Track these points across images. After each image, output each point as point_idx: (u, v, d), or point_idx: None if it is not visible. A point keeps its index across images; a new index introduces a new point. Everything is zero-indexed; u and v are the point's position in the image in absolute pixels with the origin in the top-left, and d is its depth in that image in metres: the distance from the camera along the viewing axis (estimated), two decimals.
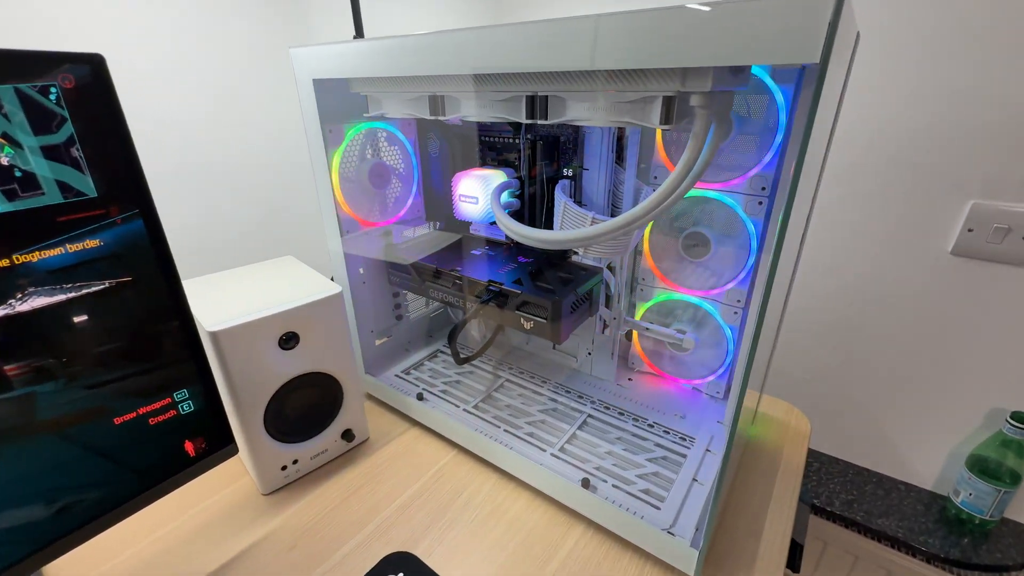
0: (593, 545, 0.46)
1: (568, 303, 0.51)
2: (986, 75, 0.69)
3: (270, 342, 0.47)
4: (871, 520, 0.85)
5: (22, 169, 0.29)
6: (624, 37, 0.29)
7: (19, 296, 0.30)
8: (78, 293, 0.32)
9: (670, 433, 0.56)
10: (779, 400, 0.68)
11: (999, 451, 0.79)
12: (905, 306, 0.84)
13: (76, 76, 0.30)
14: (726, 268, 0.53)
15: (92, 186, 0.31)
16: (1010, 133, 0.70)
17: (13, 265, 0.29)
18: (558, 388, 0.64)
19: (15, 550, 0.32)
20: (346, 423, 0.56)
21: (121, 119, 0.32)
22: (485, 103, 0.41)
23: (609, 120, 0.36)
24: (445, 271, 0.58)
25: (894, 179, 0.79)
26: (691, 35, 0.26)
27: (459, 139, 0.62)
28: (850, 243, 0.86)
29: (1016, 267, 0.74)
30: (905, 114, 0.75)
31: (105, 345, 0.34)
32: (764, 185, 0.48)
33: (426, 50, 0.40)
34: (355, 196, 0.59)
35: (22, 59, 0.28)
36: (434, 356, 0.71)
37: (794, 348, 0.96)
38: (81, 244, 0.32)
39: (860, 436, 0.96)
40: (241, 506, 0.51)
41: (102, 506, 0.36)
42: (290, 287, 0.51)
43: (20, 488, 0.32)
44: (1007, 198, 0.72)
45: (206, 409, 0.41)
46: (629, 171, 0.52)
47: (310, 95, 0.50)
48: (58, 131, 0.30)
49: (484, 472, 0.54)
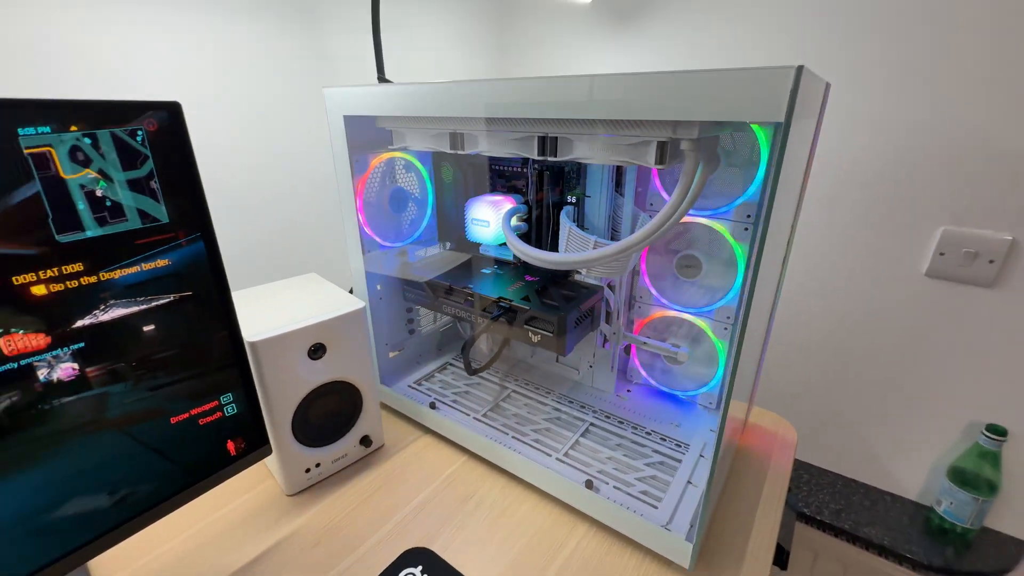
0: (596, 542, 0.50)
1: (572, 318, 0.56)
2: (950, 111, 0.76)
3: (300, 352, 0.51)
4: (859, 529, 0.89)
5: (112, 199, 0.33)
6: (619, 94, 0.34)
7: (102, 308, 0.34)
8: (148, 306, 0.37)
9: (666, 440, 0.60)
10: (768, 411, 0.72)
11: (976, 462, 0.83)
12: (885, 325, 0.90)
13: (158, 120, 0.35)
14: (716, 288, 0.58)
15: (165, 213, 0.36)
16: (974, 164, 0.76)
17: (99, 281, 0.34)
18: (561, 399, 0.68)
19: (81, 535, 0.36)
20: (364, 429, 0.60)
21: (191, 156, 0.37)
22: (501, 141, 0.47)
23: (611, 159, 0.41)
24: (458, 288, 0.63)
25: (872, 205, 0.85)
26: (678, 95, 0.32)
27: (471, 167, 0.67)
28: (833, 265, 0.92)
29: (984, 288, 0.80)
30: (880, 146, 0.82)
31: (167, 352, 0.38)
32: (749, 213, 0.54)
33: (446, 96, 0.46)
34: (375, 219, 0.64)
35: (118, 108, 0.33)
36: (444, 368, 0.76)
37: (782, 364, 1.01)
38: (153, 263, 0.36)
39: (847, 448, 1.00)
40: (267, 506, 0.54)
41: (154, 498, 0.40)
42: (318, 302, 0.56)
43: (89, 478, 0.36)
44: (973, 224, 0.78)
45: (247, 412, 0.45)
46: (628, 199, 0.58)
47: (340, 129, 0.56)
48: (141, 167, 0.34)
49: (493, 476, 0.58)
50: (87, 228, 0.33)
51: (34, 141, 0.30)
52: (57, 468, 0.34)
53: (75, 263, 0.32)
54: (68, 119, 0.31)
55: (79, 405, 0.34)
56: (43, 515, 0.34)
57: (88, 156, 0.32)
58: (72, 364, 0.33)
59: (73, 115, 0.31)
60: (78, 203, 0.32)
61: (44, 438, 0.33)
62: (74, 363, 0.33)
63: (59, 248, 0.32)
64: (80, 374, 0.34)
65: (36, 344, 0.32)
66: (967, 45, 0.73)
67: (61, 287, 0.32)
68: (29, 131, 0.29)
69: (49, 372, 0.32)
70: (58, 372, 0.33)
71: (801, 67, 0.27)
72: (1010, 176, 0.74)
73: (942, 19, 0.73)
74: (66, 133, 0.31)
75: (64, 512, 0.35)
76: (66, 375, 0.33)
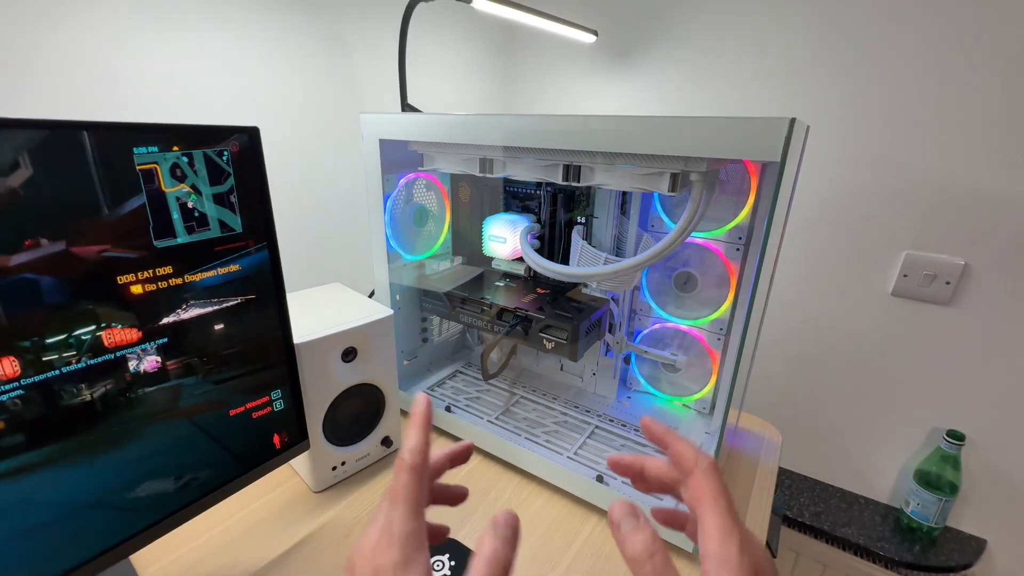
0: (607, 532, 0.55)
1: (584, 327, 0.62)
2: (908, 149, 0.86)
3: (335, 355, 0.55)
4: (836, 529, 0.95)
5: (199, 211, 0.38)
6: (641, 133, 0.41)
7: (184, 307, 0.38)
8: (220, 307, 0.41)
9: None
10: (755, 417, 0.79)
11: (939, 465, 0.91)
12: (856, 339, 0.98)
13: (240, 142, 0.40)
14: (710, 302, 0.65)
15: (239, 223, 0.41)
16: (930, 196, 0.86)
17: (184, 283, 0.38)
18: (567, 404, 0.73)
19: (149, 516, 0.39)
20: (385, 430, 0.64)
21: (264, 173, 0.42)
22: (528, 166, 0.53)
23: (629, 187, 0.48)
24: (475, 299, 0.68)
25: (843, 232, 0.94)
26: (692, 136, 0.38)
27: (487, 187, 0.73)
28: (810, 285, 1.00)
29: (942, 306, 0.89)
30: (849, 180, 0.91)
31: (231, 349, 0.42)
32: (741, 235, 0.60)
33: (478, 126, 0.52)
34: (399, 233, 0.69)
35: (210, 131, 0.37)
36: (454, 376, 0.80)
37: (767, 376, 1.08)
38: (227, 268, 0.40)
39: (825, 455, 1.08)
40: (295, 502, 0.57)
41: (212, 484, 0.43)
42: (348, 309, 0.60)
43: (161, 462, 0.39)
44: (932, 249, 0.88)
45: (291, 408, 0.48)
46: (633, 220, 0.64)
47: (375, 151, 0.61)
48: (224, 183, 0.39)
49: (508, 474, 0.63)
50: (178, 235, 0.37)
51: (144, 159, 0.34)
52: (136, 451, 0.37)
53: (167, 266, 0.36)
54: (171, 140, 0.35)
55: (159, 394, 0.38)
56: (121, 494, 0.37)
57: (184, 172, 0.36)
58: (156, 357, 0.37)
59: (175, 137, 0.36)
60: (173, 213, 0.36)
61: (129, 423, 0.36)
62: (158, 356, 0.37)
63: (156, 252, 0.36)
64: (162, 366, 0.38)
65: (130, 338, 0.35)
66: (922, 91, 0.83)
67: (154, 287, 0.36)
68: (141, 150, 0.34)
69: (138, 364, 0.36)
70: (144, 364, 0.37)
71: (794, 119, 0.34)
72: (962, 207, 0.84)
73: (899, 69, 0.84)
74: (169, 152, 0.35)
75: (138, 493, 0.38)
76: (151, 367, 0.37)
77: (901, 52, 0.83)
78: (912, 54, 0.82)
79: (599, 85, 1.14)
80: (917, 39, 0.81)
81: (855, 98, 0.88)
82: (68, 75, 0.58)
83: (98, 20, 0.59)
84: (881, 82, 0.85)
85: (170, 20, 0.64)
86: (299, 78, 0.80)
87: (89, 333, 0.33)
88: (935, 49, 0.80)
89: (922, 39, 0.81)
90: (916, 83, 0.83)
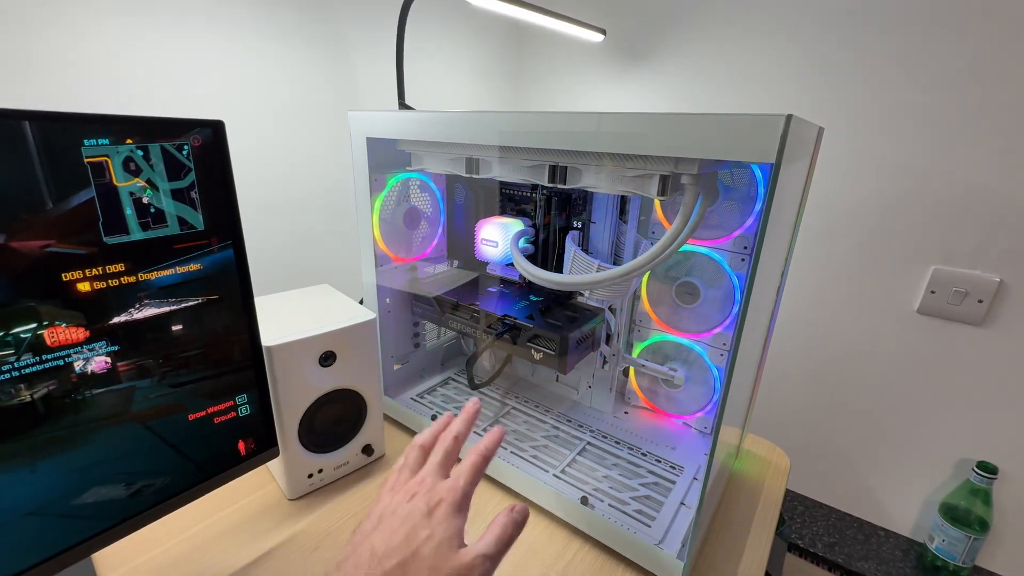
0: (590, 558, 0.51)
1: (574, 338, 0.58)
2: (939, 156, 0.80)
3: (312, 359, 0.53)
4: (851, 563, 0.89)
5: (156, 207, 0.36)
6: (625, 131, 0.38)
7: (137, 306, 0.37)
8: (178, 307, 0.39)
9: (661, 462, 0.61)
10: (762, 439, 0.74)
11: (968, 499, 0.84)
12: (878, 359, 0.92)
13: (202, 136, 0.38)
14: (713, 315, 0.61)
15: (201, 221, 0.39)
16: (962, 206, 0.79)
17: (138, 281, 0.36)
18: (560, 417, 0.69)
19: (97, 524, 0.38)
20: (367, 438, 0.62)
21: (229, 170, 0.40)
22: (514, 167, 0.50)
23: (616, 189, 0.44)
24: (465, 305, 0.65)
25: (867, 242, 0.88)
26: (680, 135, 0.35)
27: (482, 190, 0.70)
28: (829, 299, 0.94)
29: (974, 327, 0.82)
30: (874, 187, 0.86)
31: (191, 351, 0.40)
32: (746, 244, 0.56)
33: (465, 124, 0.49)
34: (389, 235, 0.67)
35: (168, 124, 0.36)
36: (446, 383, 0.77)
37: (778, 393, 1.02)
38: (187, 267, 0.39)
39: (841, 481, 1.01)
40: (268, 510, 0.56)
41: (166, 492, 0.41)
42: (330, 311, 0.58)
43: (110, 468, 0.37)
44: (964, 265, 0.81)
45: (259, 414, 0.47)
46: (631, 226, 0.61)
47: (362, 150, 0.59)
48: (184, 178, 0.37)
49: (491, 489, 0.60)
50: (132, 232, 0.35)
51: (94, 151, 0.33)
52: (82, 457, 0.36)
53: (118, 263, 0.35)
54: (125, 132, 0.34)
55: (108, 397, 0.36)
56: (65, 501, 0.35)
57: (139, 166, 0.35)
58: (105, 358, 0.36)
59: (130, 129, 0.34)
60: (126, 209, 0.35)
61: (73, 427, 0.35)
62: (107, 357, 0.36)
63: (105, 249, 0.34)
64: (112, 368, 0.36)
65: (75, 337, 0.34)
66: (954, 95, 0.77)
67: (103, 285, 0.35)
68: (91, 142, 0.32)
69: (85, 364, 0.35)
70: (92, 365, 0.35)
71: (790, 116, 0.31)
72: (998, 220, 0.77)
73: (930, 71, 0.78)
74: (122, 145, 0.34)
75: (84, 500, 0.36)
76: (99, 368, 0.35)
77: (930, 53, 0.77)
78: (943, 55, 0.76)
79: (608, 85, 1.10)
80: (947, 40, 0.76)
81: (883, 101, 0.82)
82: (66, 74, 0.58)
83: (90, 20, 0.59)
84: (911, 85, 0.79)
85: (163, 18, 0.64)
86: (299, 79, 0.79)
87: (29, 332, 0.32)
88: (967, 50, 0.75)
89: (953, 40, 0.75)
90: (948, 86, 0.77)
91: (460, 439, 0.38)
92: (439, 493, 0.33)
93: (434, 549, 0.30)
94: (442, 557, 0.29)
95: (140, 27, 0.62)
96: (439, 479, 0.34)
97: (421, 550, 0.29)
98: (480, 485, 0.60)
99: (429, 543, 0.30)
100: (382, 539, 0.31)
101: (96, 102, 0.61)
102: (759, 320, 0.49)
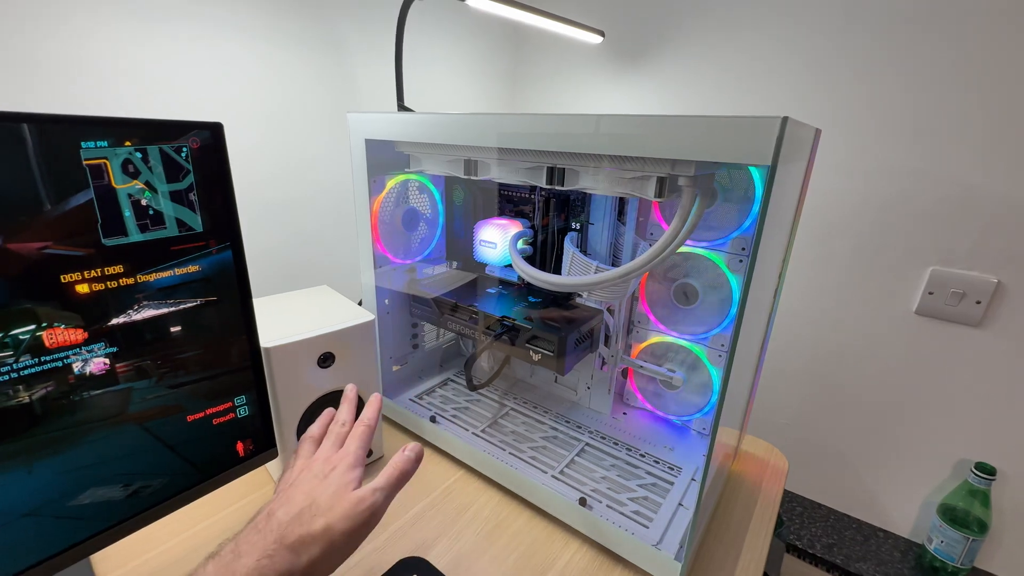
0: (588, 558, 0.51)
1: (572, 339, 0.58)
2: (938, 158, 0.80)
3: (311, 360, 0.54)
4: (850, 564, 0.89)
5: (154, 209, 0.36)
6: (622, 133, 0.38)
7: (136, 308, 0.37)
8: (177, 308, 0.39)
9: (660, 463, 0.61)
10: (760, 440, 0.74)
11: (967, 500, 0.84)
12: (876, 360, 0.92)
13: (201, 139, 0.38)
14: (711, 316, 0.61)
15: (199, 223, 0.39)
16: (960, 207, 0.80)
17: (136, 283, 0.36)
18: (559, 418, 0.69)
19: (94, 525, 0.38)
20: None
21: (228, 172, 0.40)
22: (512, 169, 0.50)
23: (613, 191, 0.44)
24: (463, 306, 0.65)
25: (865, 244, 0.89)
26: (676, 137, 0.35)
27: (481, 192, 0.70)
28: (827, 300, 0.94)
29: (972, 328, 0.82)
30: (871, 189, 0.86)
31: (189, 352, 0.40)
32: (744, 246, 0.56)
33: (462, 126, 0.49)
34: (388, 236, 0.67)
35: (167, 126, 0.36)
36: (445, 384, 0.78)
37: (776, 395, 1.02)
38: (185, 268, 0.39)
39: (839, 482, 1.01)
40: None
41: (164, 493, 0.41)
42: (329, 313, 0.58)
43: (108, 469, 0.38)
44: (961, 265, 0.81)
45: (257, 415, 0.47)
46: (629, 228, 0.61)
47: (361, 151, 0.59)
48: (183, 180, 0.37)
49: (490, 490, 0.60)
50: (130, 233, 0.35)
51: (93, 154, 0.33)
52: (80, 457, 0.36)
53: (117, 265, 0.35)
54: (124, 135, 0.34)
55: (106, 398, 0.36)
56: (62, 502, 0.36)
57: (138, 168, 0.35)
58: (104, 359, 0.36)
59: (128, 131, 0.34)
60: (125, 211, 0.35)
61: (71, 428, 0.35)
62: (106, 358, 0.36)
63: (104, 251, 0.34)
64: (110, 369, 0.36)
65: (74, 339, 0.34)
66: (951, 96, 0.77)
67: (102, 287, 0.35)
68: (89, 144, 0.32)
69: (83, 366, 0.35)
70: (91, 366, 0.35)
71: (786, 118, 0.31)
72: (996, 221, 0.78)
73: (927, 72, 0.78)
74: (121, 147, 0.34)
75: (81, 501, 0.36)
76: (97, 369, 0.36)
77: (927, 54, 0.77)
78: (940, 56, 0.77)
79: (606, 87, 1.10)
80: (944, 40, 0.76)
81: (880, 103, 0.82)
82: (65, 77, 0.58)
83: (89, 24, 0.59)
84: (908, 87, 0.80)
85: (163, 21, 0.64)
86: (298, 81, 0.79)
87: (28, 333, 0.32)
88: (964, 51, 0.75)
89: (950, 40, 0.75)
90: (945, 87, 0.77)
91: (348, 424, 0.42)
92: (332, 461, 0.37)
93: (330, 495, 0.34)
94: (337, 497, 0.33)
95: (139, 30, 0.62)
96: (332, 453, 0.38)
97: (318, 499, 0.33)
98: (477, 484, 0.60)
99: (324, 492, 0.34)
100: (281, 504, 0.34)
101: (95, 105, 0.61)
102: (757, 321, 0.50)
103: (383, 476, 0.36)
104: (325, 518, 0.32)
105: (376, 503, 0.34)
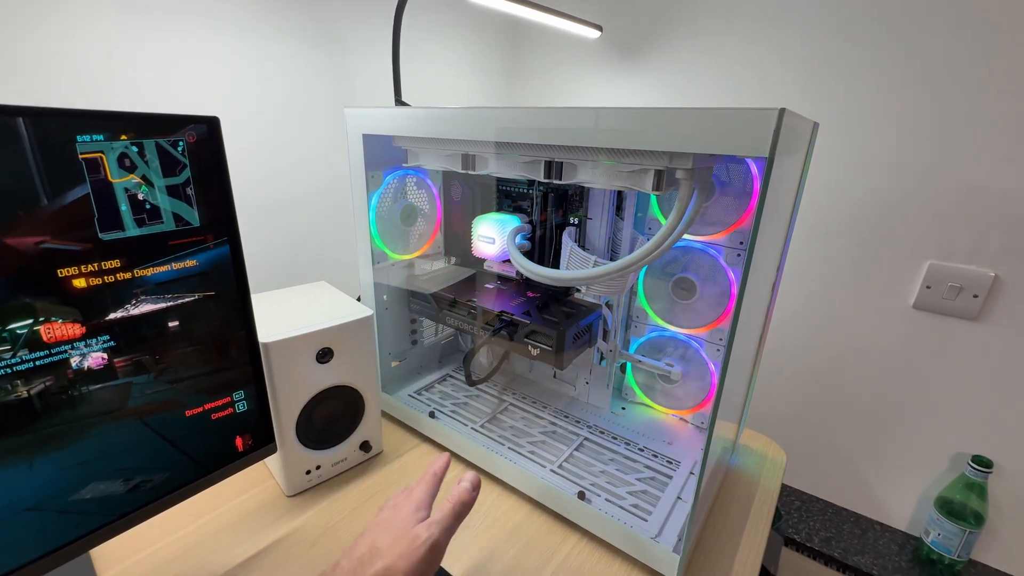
0: (587, 552, 0.51)
1: (571, 334, 0.58)
2: (936, 154, 0.80)
3: (309, 356, 0.54)
4: (848, 557, 0.89)
5: (151, 203, 0.36)
6: (619, 126, 0.38)
7: (133, 302, 0.37)
8: (174, 303, 0.39)
9: (658, 457, 0.61)
10: (759, 434, 0.74)
11: (963, 493, 0.84)
12: (874, 354, 0.92)
13: (197, 133, 0.38)
14: (710, 310, 0.61)
15: (197, 217, 0.39)
16: (958, 203, 0.80)
17: (133, 277, 0.36)
18: (557, 413, 0.70)
19: (95, 520, 0.38)
20: (364, 435, 0.62)
21: (224, 166, 0.40)
22: (510, 163, 0.50)
23: (611, 185, 0.44)
24: (462, 301, 0.65)
25: (862, 239, 0.89)
26: (673, 129, 0.35)
27: (479, 186, 0.70)
28: (825, 294, 0.94)
29: (969, 321, 0.82)
30: (869, 183, 0.86)
31: (187, 347, 0.40)
32: (742, 240, 0.57)
33: (460, 120, 0.49)
34: (386, 231, 0.67)
35: (163, 120, 0.36)
36: (444, 380, 0.78)
37: (774, 389, 1.03)
38: (183, 263, 0.39)
39: (837, 475, 1.01)
40: (267, 506, 0.56)
41: (164, 488, 0.41)
42: (327, 308, 0.58)
43: (107, 464, 0.38)
44: (959, 260, 0.81)
45: (256, 410, 0.47)
46: (627, 222, 0.61)
47: (359, 147, 0.59)
48: (179, 174, 0.37)
49: (489, 485, 0.60)
50: (127, 228, 0.35)
51: (88, 147, 0.33)
52: (79, 453, 0.36)
53: (114, 260, 0.35)
54: (120, 128, 0.34)
55: (105, 393, 0.36)
56: (63, 497, 0.36)
57: (134, 162, 0.35)
58: (102, 354, 0.36)
59: (124, 125, 0.34)
60: (121, 205, 0.35)
61: (70, 423, 0.35)
62: (104, 353, 0.36)
63: (101, 245, 0.34)
64: (108, 363, 0.36)
65: (72, 333, 0.34)
66: (949, 92, 0.77)
67: (99, 281, 0.35)
68: (85, 138, 0.32)
69: (81, 360, 0.35)
70: (89, 361, 0.35)
71: (783, 109, 0.31)
72: (993, 215, 0.78)
73: (927, 68, 0.78)
74: (117, 141, 0.34)
75: (82, 495, 0.37)
76: (96, 364, 0.36)
77: (926, 51, 0.77)
78: (939, 52, 0.76)
79: (604, 81, 1.10)
80: (944, 37, 0.76)
81: (879, 98, 0.82)
82: (60, 70, 0.58)
83: (84, 17, 0.58)
84: (905, 82, 0.80)
85: (159, 15, 0.64)
86: (295, 75, 0.79)
87: (25, 328, 0.32)
88: (964, 47, 0.75)
89: (950, 37, 0.75)
90: (944, 83, 0.77)
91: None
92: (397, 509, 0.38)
93: (391, 538, 0.35)
94: (396, 539, 0.35)
95: (135, 23, 0.62)
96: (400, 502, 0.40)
97: (377, 542, 0.35)
98: None
99: (385, 536, 0.36)
100: (345, 554, 0.36)
101: (91, 98, 0.60)
102: (755, 315, 0.50)
103: (439, 510, 0.37)
104: (384, 560, 0.33)
105: (433, 537, 0.35)
